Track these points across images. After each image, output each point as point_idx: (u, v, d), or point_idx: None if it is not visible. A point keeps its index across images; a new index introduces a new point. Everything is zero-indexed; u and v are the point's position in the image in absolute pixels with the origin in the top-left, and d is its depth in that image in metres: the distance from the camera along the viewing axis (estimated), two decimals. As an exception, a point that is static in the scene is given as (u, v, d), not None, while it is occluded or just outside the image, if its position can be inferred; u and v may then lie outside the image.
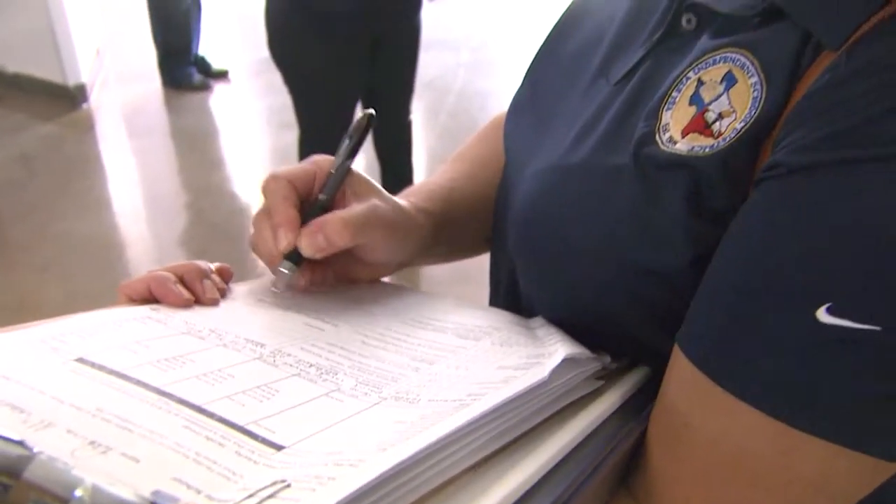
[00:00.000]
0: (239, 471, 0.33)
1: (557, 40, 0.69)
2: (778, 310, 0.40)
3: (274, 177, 0.59)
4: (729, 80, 0.48)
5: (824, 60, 0.44)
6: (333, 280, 0.63)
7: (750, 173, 0.46)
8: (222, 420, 0.37)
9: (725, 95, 0.48)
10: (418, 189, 0.72)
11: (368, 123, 0.62)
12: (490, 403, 0.38)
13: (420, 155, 3.96)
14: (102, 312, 0.50)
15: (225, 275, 0.60)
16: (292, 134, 2.86)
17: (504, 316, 0.62)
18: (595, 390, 0.49)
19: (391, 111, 2.81)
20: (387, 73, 2.66)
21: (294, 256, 0.57)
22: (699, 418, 0.45)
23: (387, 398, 0.43)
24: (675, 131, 0.49)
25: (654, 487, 0.49)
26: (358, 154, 0.63)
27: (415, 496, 0.33)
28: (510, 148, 0.68)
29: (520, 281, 0.63)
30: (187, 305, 0.54)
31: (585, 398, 0.48)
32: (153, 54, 4.84)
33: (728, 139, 0.46)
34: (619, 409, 0.49)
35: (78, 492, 0.28)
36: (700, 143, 0.48)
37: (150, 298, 0.55)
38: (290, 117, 2.77)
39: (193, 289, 0.56)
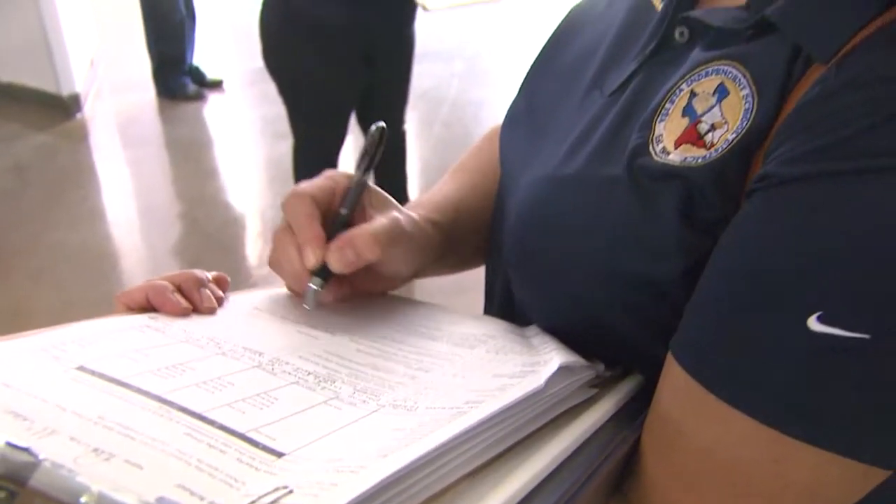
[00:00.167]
0: (241, 478, 0.33)
1: (553, 52, 0.70)
2: (770, 318, 0.41)
3: (296, 194, 0.59)
4: (721, 92, 0.49)
5: (814, 73, 0.44)
6: (351, 294, 0.63)
7: (742, 184, 0.46)
8: (223, 427, 0.38)
9: (718, 107, 0.48)
10: (425, 201, 0.72)
11: (382, 136, 0.62)
12: (487, 411, 0.39)
13: (414, 165, 3.97)
14: (101, 321, 0.51)
15: (222, 284, 0.61)
16: (286, 144, 2.86)
17: (499, 324, 0.63)
18: (589, 398, 0.50)
19: (385, 121, 2.81)
20: (381, 84, 2.67)
21: (322, 273, 0.57)
22: (692, 426, 0.45)
23: (385, 406, 0.44)
24: (669, 142, 0.50)
25: (649, 494, 0.49)
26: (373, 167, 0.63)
27: (414, 502, 0.34)
28: (506, 158, 0.69)
29: (514, 290, 0.64)
30: (185, 314, 0.55)
31: (580, 406, 0.49)
32: (147, 64, 4.84)
33: (720, 150, 0.47)
34: (614, 417, 0.50)
35: (83, 498, 0.28)
36: (693, 154, 0.48)
37: (148, 307, 0.55)
38: (285, 127, 2.77)
39: (191, 298, 0.56)
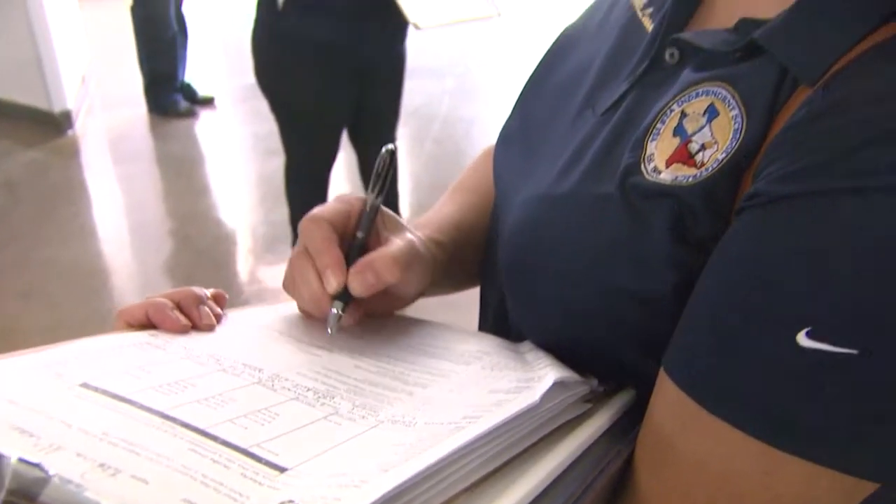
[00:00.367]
0: (245, 492, 0.34)
1: (545, 72, 0.71)
2: (760, 334, 0.42)
3: (313, 219, 0.59)
4: (711, 113, 0.50)
5: (801, 94, 0.45)
6: (364, 316, 0.64)
7: (731, 202, 0.47)
8: (226, 443, 0.38)
9: (708, 127, 0.50)
10: (427, 221, 0.73)
11: (393, 158, 0.63)
12: (485, 426, 0.39)
13: (405, 181, 3.98)
14: (103, 338, 0.52)
15: (220, 301, 0.61)
16: (278, 160, 2.87)
17: (493, 341, 0.64)
18: (583, 413, 0.51)
19: (376, 138, 2.83)
20: (372, 101, 2.68)
21: (343, 296, 0.58)
22: (685, 440, 0.46)
23: (384, 421, 0.45)
24: (660, 161, 0.51)
25: (642, 508, 0.50)
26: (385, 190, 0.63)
27: None
28: (500, 177, 0.70)
29: (508, 306, 0.64)
30: (184, 331, 0.56)
31: (574, 421, 0.49)
32: (139, 81, 4.85)
33: (711, 169, 0.48)
34: (607, 432, 0.50)
35: (93, 512, 0.29)
36: (684, 173, 0.49)
37: (148, 324, 0.56)
38: (276, 144, 2.78)
39: (190, 315, 0.57)
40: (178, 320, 0.56)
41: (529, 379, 0.50)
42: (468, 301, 0.85)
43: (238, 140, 4.68)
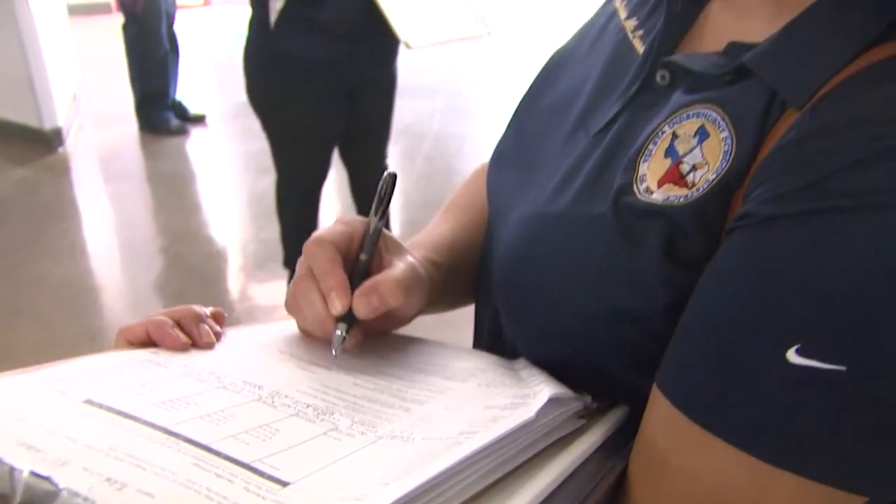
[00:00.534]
0: None
1: (538, 93, 0.72)
2: (751, 351, 0.43)
3: (318, 241, 0.60)
4: (701, 134, 0.51)
5: (790, 117, 0.47)
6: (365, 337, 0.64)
7: (722, 222, 0.48)
8: (229, 458, 0.39)
9: (698, 148, 0.51)
10: (423, 241, 0.74)
11: (394, 182, 0.63)
12: (482, 441, 0.40)
13: (397, 198, 3.99)
14: (104, 356, 0.52)
15: (219, 319, 0.62)
16: (269, 178, 2.88)
17: (488, 358, 0.64)
18: (577, 429, 0.51)
19: (368, 156, 2.85)
20: (364, 119, 2.70)
21: (347, 318, 0.58)
22: (678, 455, 0.47)
23: (382, 437, 0.45)
24: (652, 182, 0.52)
25: (636, 522, 0.51)
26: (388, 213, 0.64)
27: None
28: (493, 195, 0.71)
29: (503, 323, 0.65)
30: (184, 349, 0.56)
31: (568, 437, 0.50)
32: (130, 98, 4.85)
33: (701, 190, 0.49)
34: (601, 447, 0.51)
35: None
36: (675, 194, 0.50)
37: (148, 342, 0.57)
38: (267, 162, 2.79)
39: (190, 333, 0.58)
40: (179, 338, 0.56)
41: (525, 395, 0.51)
42: (461, 319, 0.86)
43: (229, 158, 4.69)
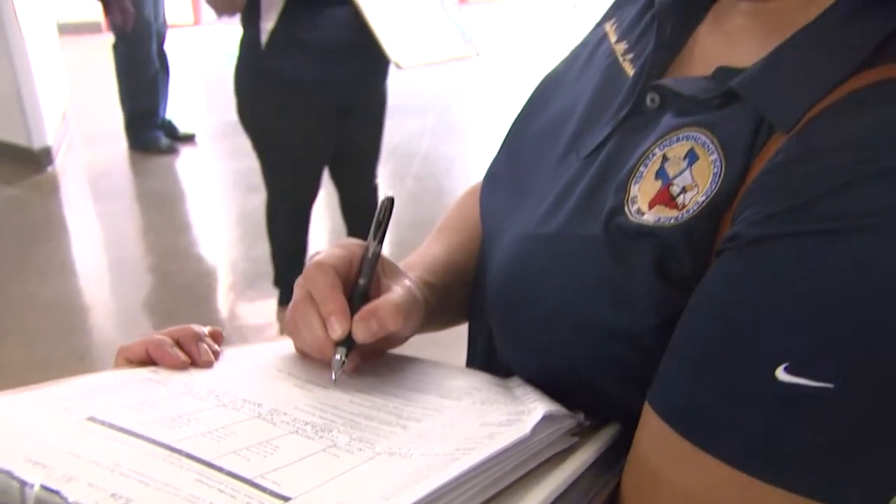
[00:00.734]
0: None
1: (530, 115, 0.73)
2: (740, 370, 0.44)
3: (318, 265, 0.61)
4: (691, 157, 0.52)
5: (777, 140, 0.48)
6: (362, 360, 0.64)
7: (711, 243, 0.50)
8: (231, 474, 0.40)
9: (688, 171, 0.52)
10: (418, 262, 0.75)
11: (391, 207, 0.64)
12: (479, 457, 0.41)
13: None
14: (105, 374, 0.53)
15: (217, 338, 0.63)
16: (259, 197, 2.88)
17: (482, 376, 0.65)
18: (570, 446, 0.52)
19: (358, 175, 2.86)
20: (354, 139, 2.71)
21: (346, 342, 0.59)
22: (670, 472, 0.48)
23: (381, 453, 0.46)
24: (643, 203, 0.53)
25: (629, 538, 0.52)
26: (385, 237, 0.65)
27: None
28: (487, 216, 0.72)
29: (496, 342, 0.66)
30: (184, 367, 0.57)
31: (562, 454, 0.51)
32: (120, 117, 4.85)
33: (691, 211, 0.50)
34: (594, 464, 0.52)
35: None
36: (666, 215, 0.52)
37: (148, 361, 0.58)
38: (257, 180, 2.79)
39: (189, 351, 0.59)
40: (178, 357, 0.57)
41: (520, 412, 0.52)
42: (452, 338, 0.87)
43: (219, 177, 4.69)
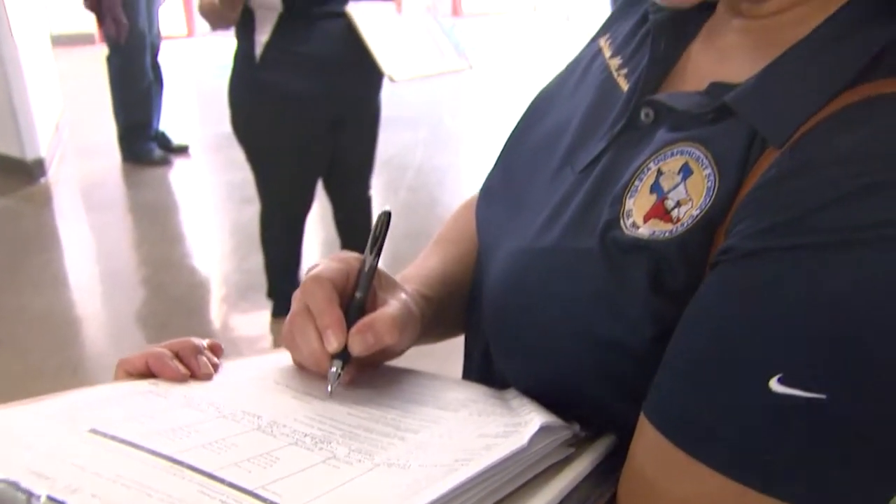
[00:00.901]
0: None
1: (525, 129, 0.74)
2: (735, 381, 0.45)
3: (316, 279, 0.61)
4: (685, 172, 0.53)
5: (770, 155, 0.49)
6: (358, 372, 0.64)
7: (705, 256, 0.50)
8: (233, 485, 0.40)
9: (683, 185, 0.53)
10: (414, 275, 0.75)
11: (388, 221, 0.65)
12: (477, 468, 0.42)
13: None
14: (106, 387, 0.54)
15: (216, 351, 0.63)
16: (252, 209, 2.88)
17: (479, 388, 0.66)
18: (567, 457, 0.53)
19: (351, 187, 2.87)
20: (347, 151, 2.72)
21: (342, 355, 0.59)
22: (666, 482, 0.48)
23: (380, 464, 0.47)
24: (638, 217, 0.54)
25: (625, 548, 0.52)
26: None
27: None
28: (483, 230, 0.72)
29: (493, 354, 0.67)
30: (184, 380, 0.58)
31: (558, 464, 0.51)
32: (113, 129, 4.85)
33: (686, 225, 0.51)
34: (590, 475, 0.52)
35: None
36: (660, 229, 0.52)
37: (148, 373, 0.58)
38: (250, 192, 2.80)
39: (189, 364, 0.59)
40: (178, 370, 0.58)
41: (516, 424, 0.52)
42: (446, 350, 0.88)
43: (212, 188, 4.69)
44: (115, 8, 4.20)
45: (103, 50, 4.75)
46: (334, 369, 0.59)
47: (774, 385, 0.43)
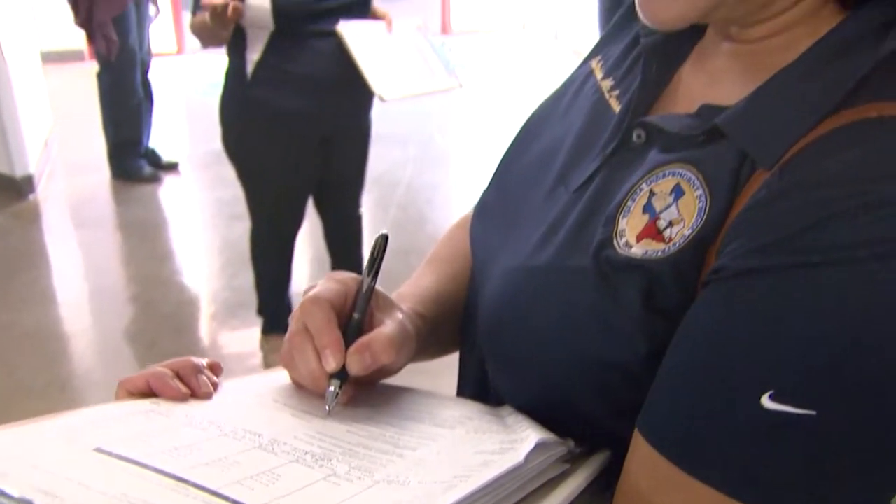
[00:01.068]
0: None
1: (519, 149, 0.75)
2: (727, 397, 0.46)
3: (315, 300, 0.62)
4: (677, 192, 0.54)
5: (760, 176, 0.50)
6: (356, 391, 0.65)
7: (697, 276, 0.51)
8: (236, 502, 0.41)
9: (675, 206, 0.54)
10: (409, 294, 0.76)
11: (385, 243, 0.66)
12: (476, 484, 0.43)
13: (370, 247, 3.99)
14: (108, 406, 0.54)
15: (216, 370, 0.64)
16: (242, 226, 2.88)
17: (474, 405, 0.67)
18: (562, 473, 0.54)
19: (342, 205, 2.88)
20: (338, 169, 2.73)
21: (340, 375, 0.60)
22: (660, 497, 0.49)
23: (380, 481, 0.47)
24: (631, 236, 0.55)
25: (619, 563, 0.53)
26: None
27: None
28: (477, 248, 0.73)
29: (488, 371, 0.67)
30: (184, 399, 0.58)
31: (553, 481, 0.52)
32: (103, 146, 4.82)
33: (678, 244, 0.52)
34: (586, 491, 0.53)
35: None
36: (653, 248, 0.53)
37: (149, 393, 0.59)
38: (240, 209, 2.80)
39: (189, 383, 0.60)
40: (178, 389, 0.58)
41: (512, 441, 0.53)
42: (440, 367, 0.88)
43: (202, 205, 4.68)
44: (106, 25, 4.20)
45: (93, 67, 4.74)
46: (332, 388, 0.60)
47: (766, 402, 0.44)
